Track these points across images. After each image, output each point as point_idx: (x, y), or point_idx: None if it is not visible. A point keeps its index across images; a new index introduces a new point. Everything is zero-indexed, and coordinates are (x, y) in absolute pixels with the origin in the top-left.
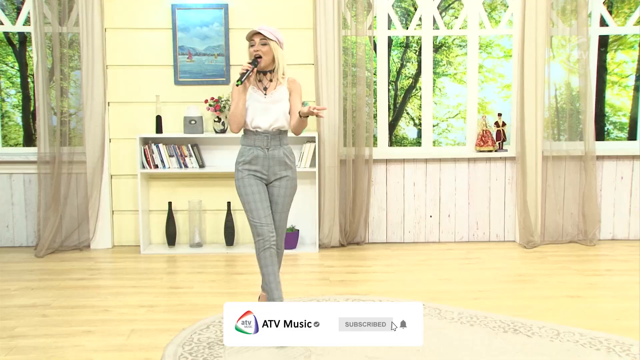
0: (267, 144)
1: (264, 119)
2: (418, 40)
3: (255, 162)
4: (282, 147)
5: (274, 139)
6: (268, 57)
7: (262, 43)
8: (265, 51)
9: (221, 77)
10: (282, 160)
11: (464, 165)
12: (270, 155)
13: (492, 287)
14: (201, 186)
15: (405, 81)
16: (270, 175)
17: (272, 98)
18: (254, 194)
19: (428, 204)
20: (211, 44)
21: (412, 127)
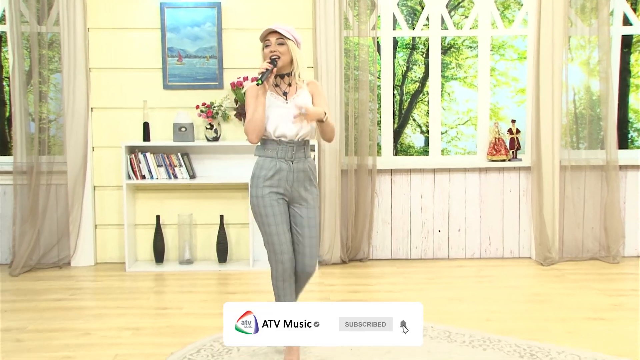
0: (292, 155)
1: (290, 127)
2: (425, 42)
3: (278, 177)
4: (307, 159)
5: (299, 150)
6: (286, 59)
7: (278, 43)
8: (282, 52)
9: (213, 80)
10: (307, 175)
11: (475, 176)
12: (295, 168)
13: (506, 307)
14: (192, 198)
15: (412, 85)
16: (293, 193)
17: (294, 103)
18: (275, 216)
19: (436, 218)
20: (203, 45)
21: (419, 135)
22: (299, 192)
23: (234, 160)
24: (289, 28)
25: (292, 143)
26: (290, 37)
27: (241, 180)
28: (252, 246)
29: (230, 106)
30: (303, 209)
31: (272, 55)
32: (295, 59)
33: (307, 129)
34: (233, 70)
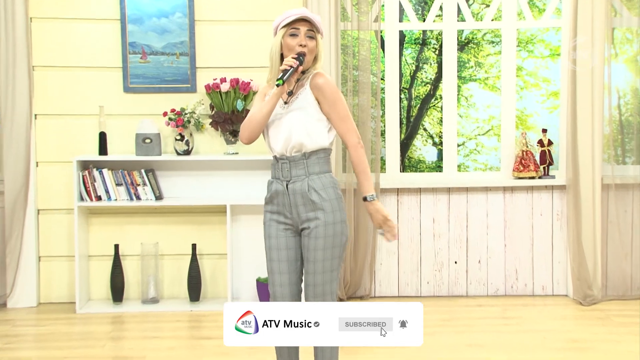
0: (288, 174)
1: (277, 138)
2: (438, 36)
3: (277, 201)
4: (309, 177)
5: (297, 166)
6: (311, 57)
7: (308, 36)
8: (311, 48)
9: (184, 82)
10: (306, 198)
11: (499, 197)
12: (290, 190)
13: (537, 356)
14: (158, 224)
15: (422, 88)
16: (296, 220)
17: (291, 106)
18: (273, 251)
19: (452, 247)
20: (172, 40)
21: (431, 147)
22: (301, 218)
23: (209, 177)
24: (317, 19)
25: (286, 159)
26: (321, 31)
27: (217, 202)
28: (230, 281)
29: (204, 113)
30: (306, 239)
31: (299, 51)
32: (320, 57)
33: (299, 138)
34: (208, 70)
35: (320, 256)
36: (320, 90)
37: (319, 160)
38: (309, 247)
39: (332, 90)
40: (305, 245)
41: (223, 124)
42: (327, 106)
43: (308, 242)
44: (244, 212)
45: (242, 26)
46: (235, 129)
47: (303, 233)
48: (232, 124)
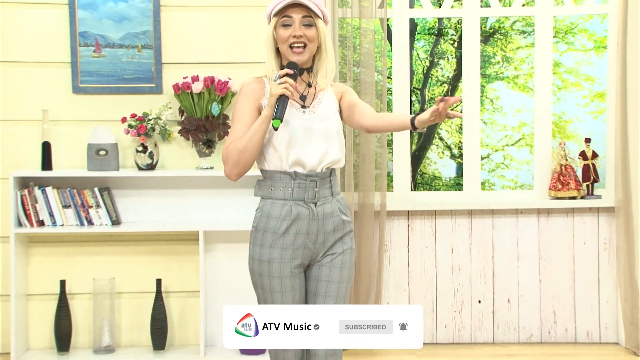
0: (315, 194)
1: (310, 150)
2: (457, 25)
3: (296, 230)
4: (335, 197)
5: (324, 185)
6: (313, 47)
7: (305, 24)
8: (311, 37)
9: (148, 81)
10: (338, 221)
11: (532, 221)
12: (320, 214)
13: None
14: (115, 255)
15: (438, 88)
16: (319, 250)
17: (315, 113)
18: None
19: (475, 282)
20: (132, 29)
21: (449, 161)
22: (327, 246)
23: (178, 198)
24: (317, 1)
25: (314, 176)
26: (321, 14)
27: (188, 228)
28: (203, 325)
29: (173, 119)
30: (326, 269)
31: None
32: (325, 48)
33: (335, 154)
34: (177, 67)
35: (341, 290)
36: (341, 87)
37: (336, 179)
38: (329, 279)
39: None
40: (323, 278)
41: (195, 132)
42: (348, 94)
43: (329, 273)
44: (220, 240)
45: (219, 12)
46: (210, 138)
47: (322, 262)
48: (206, 132)
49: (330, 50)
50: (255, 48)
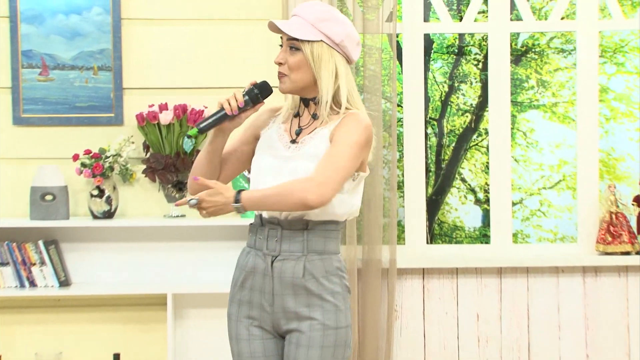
0: (276, 246)
1: None
2: (482, 42)
3: (250, 284)
4: (308, 256)
5: (292, 238)
6: (296, 77)
7: (291, 46)
8: (293, 65)
9: (106, 110)
10: (299, 285)
11: (576, 281)
12: (276, 271)
13: None
14: (63, 323)
15: (459, 119)
16: (277, 318)
17: (300, 151)
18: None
19: (507, 357)
20: (87, 47)
21: (473, 207)
22: (291, 316)
23: (142, 253)
24: (315, 15)
25: (275, 224)
26: (311, 36)
27: (154, 290)
28: None
29: (135, 156)
30: (292, 348)
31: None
32: (319, 78)
33: None
34: (141, 93)
35: None
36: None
37: (327, 234)
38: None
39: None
40: (291, 358)
41: (163, 172)
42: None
43: (296, 353)
44: (194, 305)
45: (194, 27)
46: (182, 179)
47: (288, 338)
48: (176, 172)
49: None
50: (237, 70)
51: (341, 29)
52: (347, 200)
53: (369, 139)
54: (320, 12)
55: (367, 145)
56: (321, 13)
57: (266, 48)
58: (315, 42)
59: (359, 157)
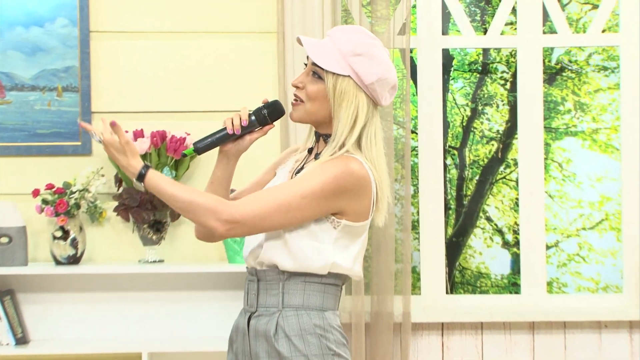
0: (253, 301)
1: (249, 242)
2: (510, 59)
3: (235, 346)
4: (283, 312)
5: (269, 289)
6: (312, 108)
7: (313, 72)
8: (310, 94)
9: (71, 138)
10: (272, 347)
11: (622, 337)
12: (252, 331)
13: None
14: None
15: (483, 147)
16: None
17: None
18: None
19: None
20: (50, 64)
21: (500, 250)
22: None
23: (113, 304)
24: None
25: (253, 275)
26: (338, 68)
27: (127, 348)
28: None
29: (106, 191)
30: None
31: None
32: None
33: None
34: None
35: None
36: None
37: (308, 287)
38: None
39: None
40: None
41: (138, 210)
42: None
43: None
44: None
45: (172, 42)
46: (160, 218)
47: None
48: (153, 210)
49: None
50: (225, 91)
51: (375, 69)
52: (329, 253)
53: (347, 189)
54: (357, 43)
55: (340, 195)
56: (357, 46)
57: (260, 66)
58: (341, 76)
59: (314, 205)
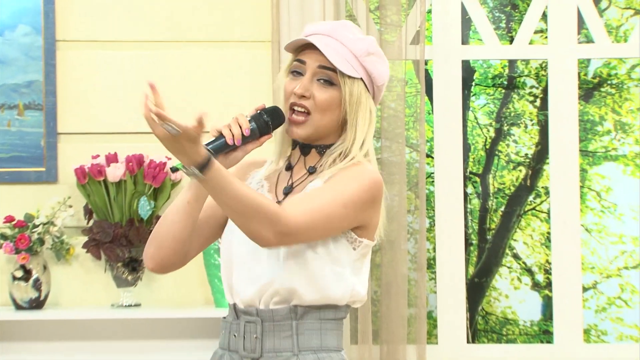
0: (256, 345)
1: (251, 273)
2: (540, 72)
3: None
4: (300, 356)
5: (279, 331)
6: (321, 121)
7: (320, 79)
8: (321, 103)
9: (34, 163)
10: None
11: None
12: None
13: None
14: None
15: (509, 174)
16: None
17: None
18: None
19: None
20: (10, 79)
21: (530, 293)
22: None
23: (82, 355)
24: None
25: (253, 315)
26: (354, 72)
27: None
28: None
29: (74, 225)
30: None
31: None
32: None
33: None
34: (82, 139)
35: None
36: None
37: (324, 325)
38: None
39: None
40: None
41: (111, 246)
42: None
43: None
44: None
45: (151, 52)
46: (136, 256)
47: None
48: (129, 246)
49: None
50: (212, 108)
51: (385, 69)
52: (348, 278)
53: (376, 200)
54: (369, 42)
55: (371, 206)
56: (370, 44)
57: (252, 78)
58: (356, 80)
59: (351, 216)
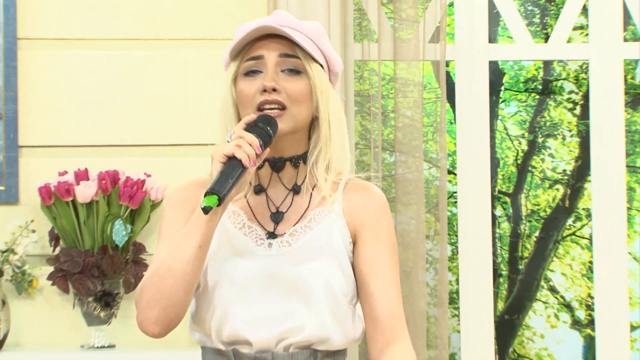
0: None
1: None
2: (580, 74)
3: None
4: None
5: None
6: (298, 112)
7: (287, 69)
8: (294, 93)
9: None
10: None
11: None
12: None
13: None
14: None
15: (544, 193)
16: None
17: (292, 246)
18: None
19: None
20: None
21: (569, 332)
22: None
23: None
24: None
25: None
26: (319, 56)
27: None
28: None
29: (38, 253)
30: None
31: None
32: (326, 119)
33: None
34: (47, 153)
35: None
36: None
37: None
38: None
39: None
40: None
41: (80, 278)
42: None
43: None
44: None
45: (126, 53)
46: (110, 289)
47: None
48: (101, 277)
49: (334, 118)
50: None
51: (334, 55)
52: (361, 317)
53: None
54: (317, 25)
55: None
56: (318, 27)
57: None
58: (320, 66)
59: None
